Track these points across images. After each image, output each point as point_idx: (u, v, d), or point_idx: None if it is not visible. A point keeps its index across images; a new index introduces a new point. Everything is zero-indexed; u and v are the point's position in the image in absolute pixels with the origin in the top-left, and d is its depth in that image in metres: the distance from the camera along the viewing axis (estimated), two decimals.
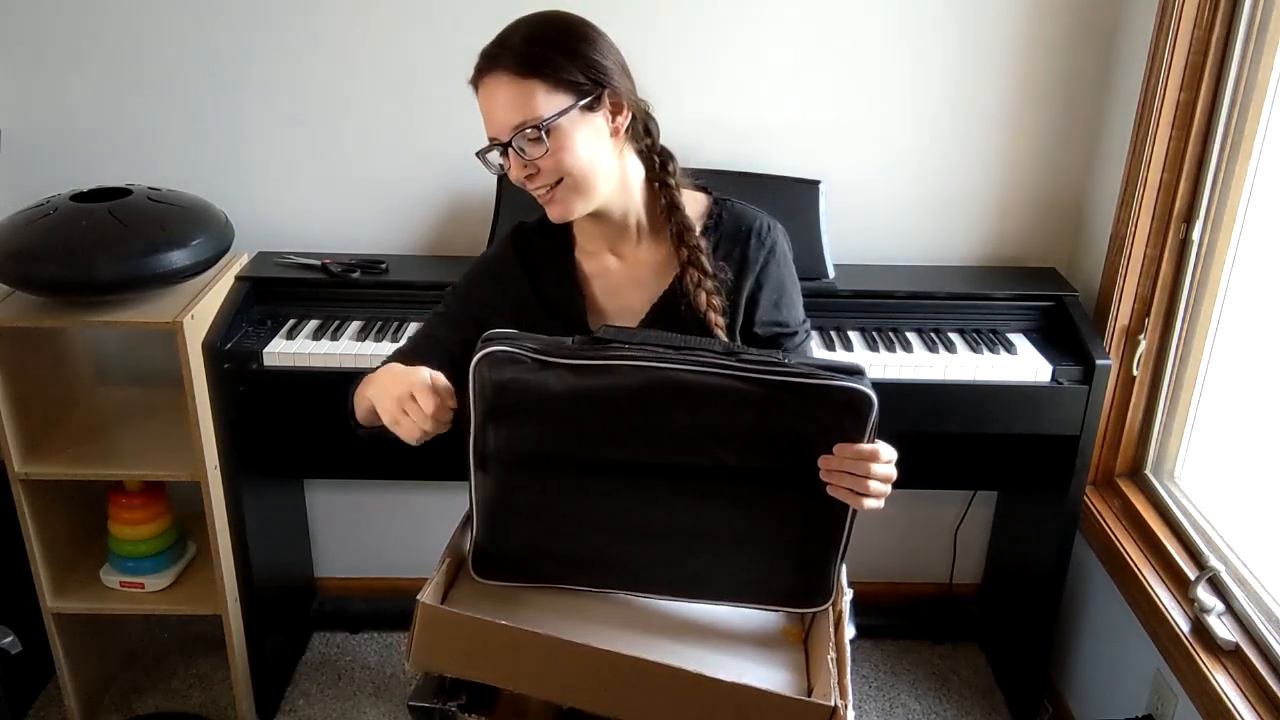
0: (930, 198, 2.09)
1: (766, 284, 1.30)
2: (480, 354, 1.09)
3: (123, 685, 2.22)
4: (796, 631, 1.21)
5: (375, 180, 2.07)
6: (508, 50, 1.17)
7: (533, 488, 1.15)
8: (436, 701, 1.13)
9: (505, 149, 1.20)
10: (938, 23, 1.96)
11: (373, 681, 2.23)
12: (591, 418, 1.09)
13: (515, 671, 1.07)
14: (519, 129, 1.17)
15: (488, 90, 1.19)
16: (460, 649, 1.08)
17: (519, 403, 1.10)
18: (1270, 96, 1.66)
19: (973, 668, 2.33)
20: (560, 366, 1.08)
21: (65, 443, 1.95)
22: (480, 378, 1.10)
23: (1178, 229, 1.84)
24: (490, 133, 1.20)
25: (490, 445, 1.13)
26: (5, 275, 1.75)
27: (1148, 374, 1.94)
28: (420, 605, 1.07)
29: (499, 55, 1.17)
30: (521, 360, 1.09)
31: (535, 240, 1.34)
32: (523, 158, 1.18)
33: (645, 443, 1.10)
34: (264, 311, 1.94)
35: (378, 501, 2.33)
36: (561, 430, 1.10)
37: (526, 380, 1.08)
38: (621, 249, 1.32)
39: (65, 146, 2.03)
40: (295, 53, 1.98)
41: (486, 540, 1.19)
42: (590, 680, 1.05)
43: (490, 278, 1.35)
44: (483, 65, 1.19)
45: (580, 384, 1.08)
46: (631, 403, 1.08)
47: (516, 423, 1.11)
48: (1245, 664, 1.53)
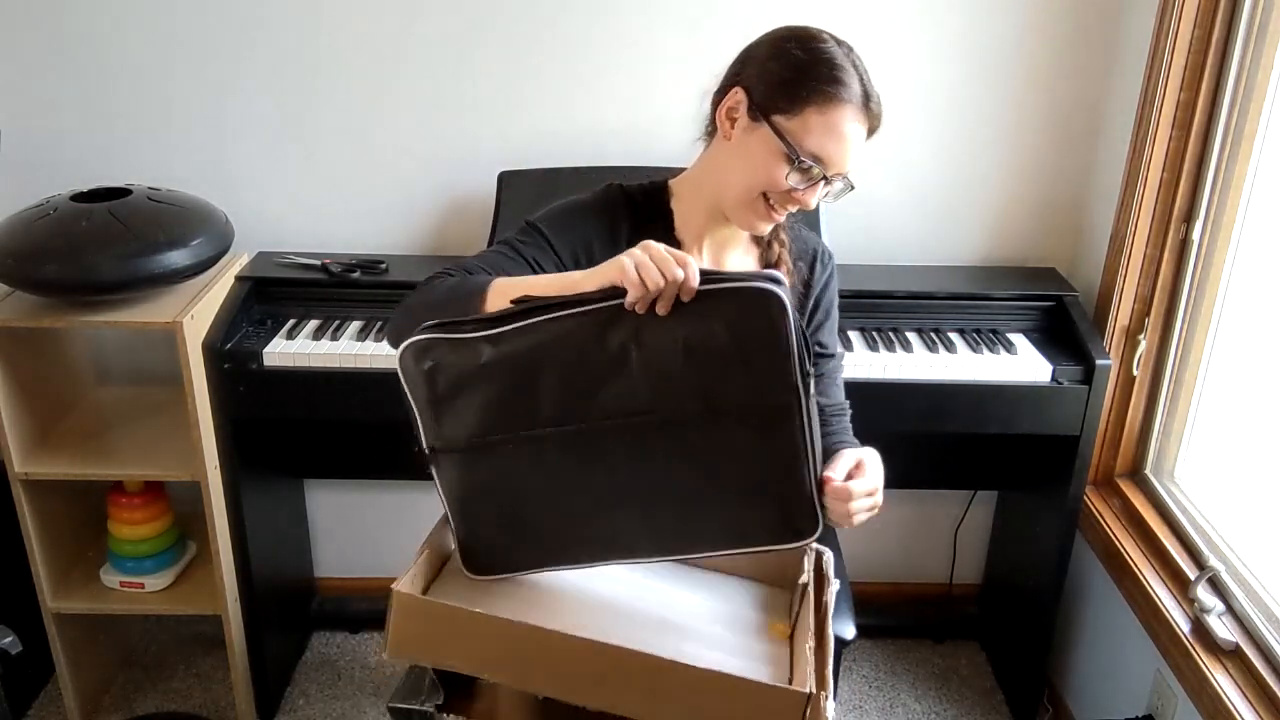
0: (930, 198, 2.09)
1: (821, 307, 1.41)
2: (403, 347, 1.08)
3: (123, 685, 2.22)
4: (783, 628, 1.21)
5: (375, 180, 2.07)
6: (875, 107, 1.23)
7: (489, 471, 1.13)
8: (415, 702, 1.14)
9: (826, 179, 1.24)
10: (938, 22, 1.96)
11: (373, 681, 2.23)
12: (520, 384, 1.07)
13: (492, 660, 1.07)
14: (841, 174, 1.24)
15: (848, 127, 1.21)
16: (435, 637, 1.08)
17: (451, 385, 1.08)
18: (1270, 96, 1.66)
19: (973, 668, 2.33)
20: (477, 340, 1.07)
21: (65, 443, 1.95)
22: (408, 370, 1.09)
23: (1178, 229, 1.84)
24: (828, 158, 1.22)
25: (436, 439, 1.12)
26: (5, 275, 1.75)
27: (1148, 374, 1.94)
28: (395, 594, 1.07)
29: (872, 111, 1.23)
30: (440, 344, 1.07)
31: (638, 204, 1.34)
32: (821, 195, 1.25)
33: (578, 397, 1.07)
34: (264, 311, 1.94)
35: (378, 501, 2.34)
36: (497, 403, 1.09)
37: (450, 361, 1.07)
38: (720, 248, 1.36)
39: (65, 146, 2.03)
40: (295, 53, 1.98)
41: (466, 536, 1.18)
42: (567, 668, 1.05)
43: (596, 220, 1.32)
44: (864, 110, 1.22)
45: (502, 350, 1.06)
46: (555, 357, 1.06)
47: (454, 407, 1.09)
48: (1245, 664, 1.53)
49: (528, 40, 1.97)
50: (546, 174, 1.93)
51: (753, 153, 1.23)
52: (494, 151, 2.02)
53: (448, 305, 1.15)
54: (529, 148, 2.03)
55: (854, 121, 1.21)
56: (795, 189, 1.23)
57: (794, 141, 1.20)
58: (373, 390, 1.81)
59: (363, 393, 1.82)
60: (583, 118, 2.03)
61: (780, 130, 1.21)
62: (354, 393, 1.82)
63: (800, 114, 1.20)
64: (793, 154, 1.20)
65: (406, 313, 1.18)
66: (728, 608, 1.24)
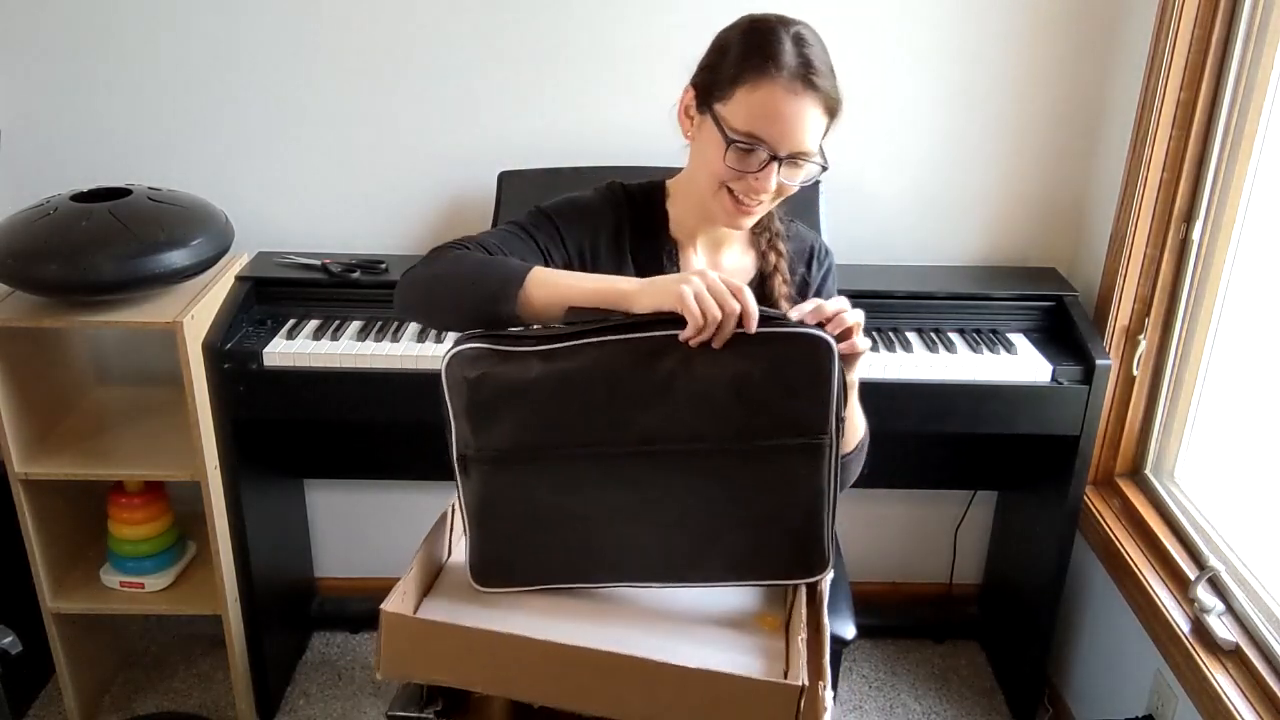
0: (930, 198, 2.09)
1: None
2: (450, 354, 1.09)
3: (123, 685, 2.22)
4: (773, 620, 1.20)
5: (375, 180, 2.07)
6: (825, 80, 1.17)
7: (517, 485, 1.14)
8: (414, 710, 1.14)
9: (772, 159, 1.18)
10: (938, 22, 1.96)
11: (372, 681, 2.23)
12: (565, 402, 1.09)
13: (482, 673, 1.07)
14: (798, 155, 1.18)
15: (782, 102, 1.16)
16: (426, 655, 1.08)
17: (494, 396, 1.09)
18: (1270, 96, 1.66)
19: (973, 668, 2.33)
20: (529, 355, 1.08)
21: (65, 443, 1.95)
22: (453, 377, 1.09)
23: (1178, 229, 1.84)
24: (767, 136, 1.17)
25: (470, 446, 1.12)
26: (5, 275, 1.75)
27: (1148, 374, 1.94)
28: (384, 614, 1.07)
29: (818, 84, 1.16)
30: (490, 355, 1.08)
31: (637, 205, 1.34)
32: (780, 178, 1.19)
33: (620, 420, 1.09)
34: (264, 311, 1.94)
35: (378, 501, 2.34)
36: (537, 419, 1.10)
37: (499, 373, 1.08)
38: (714, 249, 1.35)
39: (65, 146, 2.03)
40: (295, 52, 1.98)
41: (481, 547, 1.18)
42: (557, 676, 1.05)
43: (600, 220, 1.32)
44: (799, 81, 1.16)
45: (550, 369, 1.07)
46: (602, 379, 1.07)
47: (494, 419, 1.10)
48: (1245, 664, 1.53)
49: (528, 40, 1.97)
50: (546, 174, 1.94)
51: (705, 145, 1.22)
52: (494, 151, 2.02)
53: (481, 282, 1.14)
54: (529, 148, 2.03)
55: (789, 95, 1.15)
56: (744, 172, 1.19)
57: (726, 123, 1.19)
58: (373, 390, 1.81)
59: (363, 393, 1.82)
60: (582, 118, 2.03)
61: (717, 116, 1.20)
62: (354, 392, 1.82)
63: (733, 96, 1.18)
64: (725, 135, 1.18)
65: (434, 281, 1.17)
66: (717, 600, 1.23)
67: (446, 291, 1.18)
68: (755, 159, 1.19)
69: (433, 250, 1.23)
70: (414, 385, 1.81)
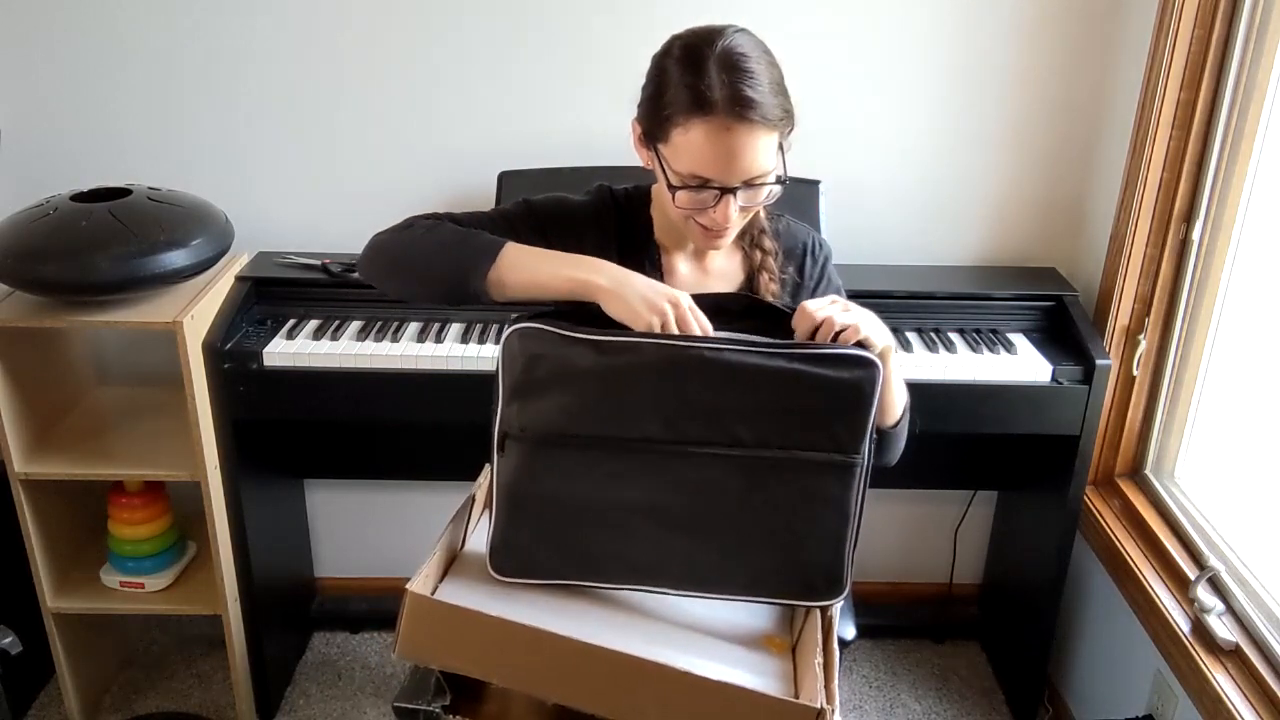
0: (930, 198, 2.09)
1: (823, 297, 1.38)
2: (512, 328, 1.10)
3: (123, 685, 2.22)
4: (780, 642, 1.20)
5: (375, 180, 2.07)
6: (762, 101, 1.10)
7: (552, 470, 1.14)
8: (421, 702, 1.13)
9: (725, 193, 1.14)
10: (938, 22, 1.96)
11: (373, 681, 2.23)
12: (614, 394, 1.10)
13: (501, 664, 1.07)
14: (755, 179, 1.14)
15: (719, 138, 1.10)
16: (447, 640, 1.08)
17: (548, 376, 1.10)
18: (1270, 96, 1.66)
19: (973, 668, 2.33)
20: (585, 343, 1.09)
21: (65, 443, 1.95)
22: (511, 351, 1.11)
23: (1178, 229, 1.84)
24: (712, 175, 1.12)
25: (514, 424, 1.13)
26: (5, 275, 1.75)
27: (1148, 374, 1.94)
28: (408, 594, 1.07)
29: (754, 113, 1.09)
30: (551, 336, 1.10)
31: (624, 210, 1.32)
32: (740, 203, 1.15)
33: (664, 420, 1.11)
34: (264, 311, 1.94)
35: (378, 501, 2.34)
36: (584, 407, 1.11)
37: (556, 355, 1.10)
38: (700, 252, 1.33)
39: (65, 146, 2.03)
40: (295, 53, 1.98)
41: (505, 531, 1.18)
42: (576, 675, 1.05)
43: (586, 228, 1.29)
44: (731, 116, 1.09)
45: (604, 360, 1.09)
46: (652, 379, 1.09)
47: (542, 398, 1.11)
48: (1245, 664, 1.53)
49: (528, 41, 1.97)
50: (546, 174, 1.93)
51: (661, 180, 1.20)
52: (494, 151, 2.02)
53: (452, 253, 1.13)
54: (529, 148, 2.03)
55: (723, 132, 1.10)
56: (699, 209, 1.16)
57: (669, 166, 1.15)
58: (372, 390, 1.81)
59: (363, 392, 1.82)
60: (583, 118, 2.03)
61: (661, 157, 1.16)
62: (354, 392, 1.82)
63: (669, 138, 1.14)
64: (669, 180, 1.15)
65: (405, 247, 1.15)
66: (726, 616, 1.23)
67: (415, 259, 1.15)
68: (708, 195, 1.15)
69: (406, 219, 1.21)
70: (414, 385, 1.81)
